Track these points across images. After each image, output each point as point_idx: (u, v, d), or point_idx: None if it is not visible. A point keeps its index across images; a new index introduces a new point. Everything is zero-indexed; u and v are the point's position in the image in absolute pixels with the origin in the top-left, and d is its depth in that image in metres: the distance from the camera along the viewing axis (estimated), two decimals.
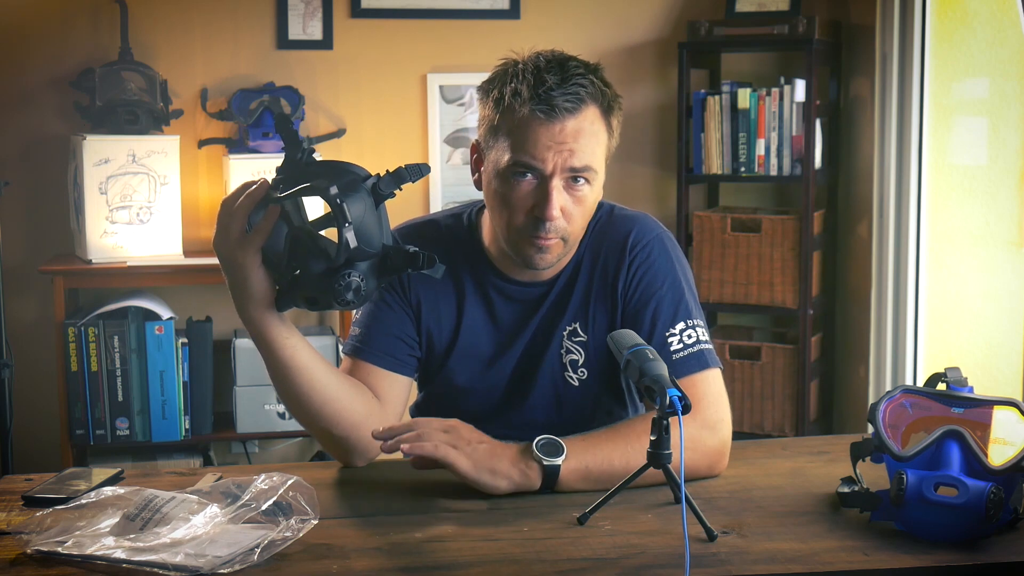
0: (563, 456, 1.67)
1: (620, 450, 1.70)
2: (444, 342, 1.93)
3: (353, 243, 1.55)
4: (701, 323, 1.88)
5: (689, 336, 1.85)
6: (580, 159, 1.80)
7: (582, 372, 1.91)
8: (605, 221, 1.95)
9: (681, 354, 1.83)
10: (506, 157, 1.79)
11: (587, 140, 1.81)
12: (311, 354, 1.74)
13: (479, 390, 1.92)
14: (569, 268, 1.92)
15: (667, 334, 1.85)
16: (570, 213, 1.82)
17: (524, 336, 1.92)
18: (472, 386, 1.92)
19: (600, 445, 1.70)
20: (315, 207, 1.89)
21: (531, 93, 1.79)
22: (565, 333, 1.91)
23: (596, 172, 1.84)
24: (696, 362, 1.83)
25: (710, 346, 1.86)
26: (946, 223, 3.70)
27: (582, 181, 1.82)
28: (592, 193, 1.85)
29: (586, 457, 1.69)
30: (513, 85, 1.80)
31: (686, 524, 1.39)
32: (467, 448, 1.66)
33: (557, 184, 1.79)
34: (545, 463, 1.66)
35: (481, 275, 1.92)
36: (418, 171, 1.62)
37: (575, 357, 1.91)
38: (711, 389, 1.82)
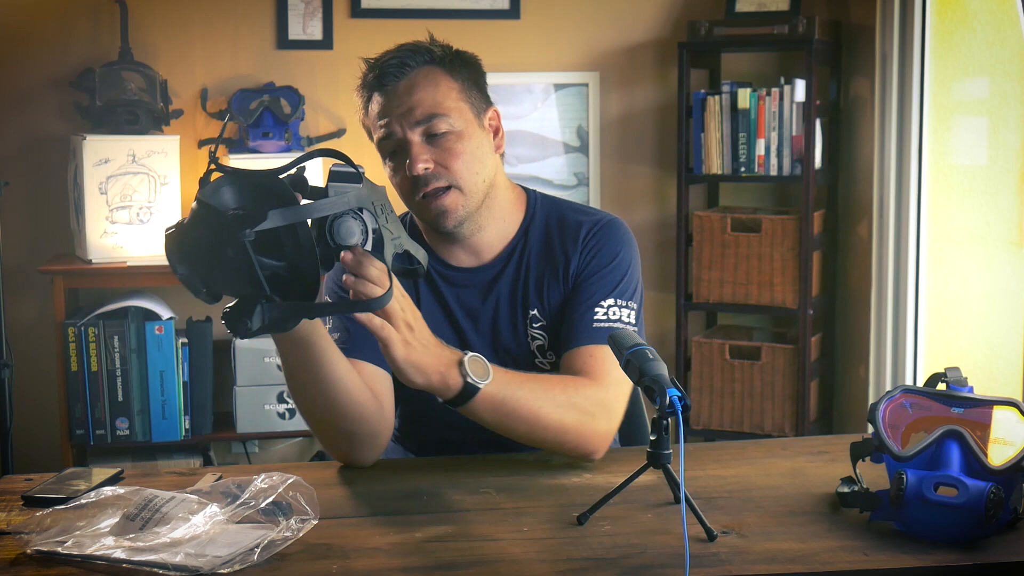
0: (487, 381, 1.69)
1: (536, 396, 1.74)
2: None
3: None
4: (635, 307, 1.92)
5: (614, 313, 1.89)
6: (422, 111, 1.86)
7: (550, 355, 1.94)
8: (553, 212, 1.99)
9: (600, 324, 1.87)
10: (374, 142, 1.92)
11: (424, 92, 1.87)
12: (329, 342, 1.74)
13: None
14: (513, 254, 1.96)
15: (597, 304, 1.89)
16: (445, 161, 1.88)
17: (483, 325, 1.95)
18: None
19: (523, 385, 1.74)
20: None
21: (365, 80, 1.92)
22: (527, 320, 1.94)
23: (448, 117, 1.87)
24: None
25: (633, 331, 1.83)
26: (946, 223, 3.70)
27: (441, 131, 1.87)
28: (461, 142, 1.88)
29: (505, 391, 1.72)
30: (358, 85, 1.94)
31: (686, 524, 1.39)
32: (408, 336, 1.65)
33: (414, 139, 1.87)
34: (468, 380, 1.68)
35: (430, 267, 1.95)
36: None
37: (540, 343, 1.94)
38: (612, 365, 1.79)
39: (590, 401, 1.78)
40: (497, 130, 1.97)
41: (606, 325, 1.86)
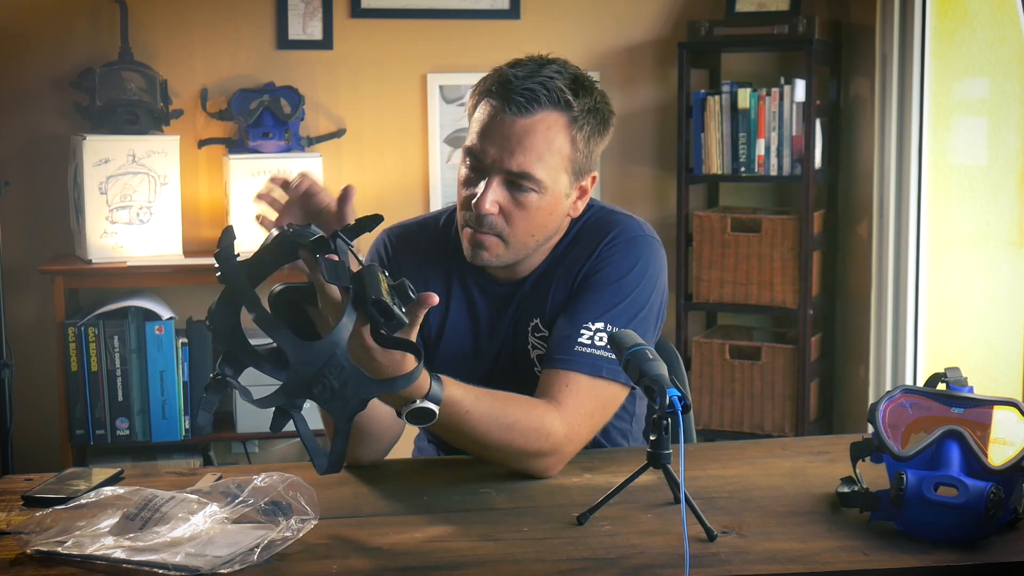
0: (428, 424, 1.62)
1: (483, 437, 1.68)
2: (430, 335, 1.93)
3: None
4: None
5: (600, 339, 1.79)
6: (519, 163, 1.76)
7: None
8: (592, 223, 1.92)
9: (583, 349, 1.78)
10: (466, 143, 1.82)
11: (534, 145, 1.76)
12: None
13: None
14: (543, 266, 1.91)
15: (584, 324, 1.80)
16: (510, 213, 1.79)
17: (499, 333, 1.92)
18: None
19: (474, 424, 1.66)
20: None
21: (493, 83, 1.79)
22: (530, 328, 1.90)
23: (540, 182, 1.78)
24: (589, 364, 1.78)
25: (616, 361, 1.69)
26: (946, 223, 3.70)
27: (526, 189, 1.78)
28: (541, 202, 1.80)
29: (451, 423, 1.65)
30: (490, 75, 1.82)
31: (686, 524, 1.39)
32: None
33: (495, 179, 1.78)
34: (402, 417, 1.60)
35: (466, 271, 1.93)
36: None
37: (540, 352, 1.89)
38: (584, 398, 1.77)
39: (547, 442, 1.72)
40: (584, 193, 1.86)
41: (588, 351, 1.78)
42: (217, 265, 1.46)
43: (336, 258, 1.46)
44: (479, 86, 1.83)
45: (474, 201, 1.79)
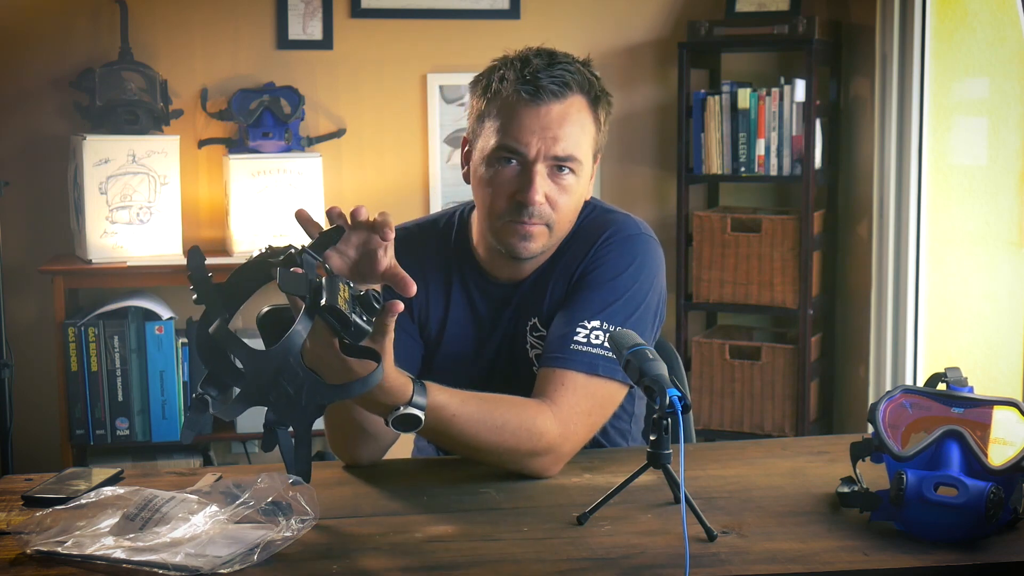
0: (414, 430, 1.64)
1: (473, 439, 1.69)
2: (431, 336, 1.93)
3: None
4: None
5: (596, 337, 1.80)
6: (564, 147, 1.80)
7: None
8: (589, 221, 1.92)
9: (578, 347, 1.79)
10: (492, 142, 1.82)
11: (572, 128, 1.81)
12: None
13: (459, 387, 1.91)
14: (543, 266, 1.92)
15: (580, 322, 1.81)
16: (555, 201, 1.82)
17: (498, 333, 1.93)
18: (453, 383, 1.91)
19: (460, 429, 1.68)
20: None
21: (517, 76, 1.81)
22: (528, 328, 1.91)
23: (581, 163, 1.83)
24: (585, 362, 1.78)
25: (613, 358, 1.70)
26: (946, 223, 3.70)
27: (567, 171, 1.82)
28: (578, 184, 1.84)
29: (438, 429, 1.67)
30: (501, 72, 1.84)
31: (686, 524, 1.39)
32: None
33: (540, 169, 1.80)
34: (389, 424, 1.62)
35: (466, 273, 1.93)
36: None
37: (539, 352, 1.89)
38: (580, 396, 1.76)
39: (540, 442, 1.71)
40: (592, 176, 1.90)
41: (584, 349, 1.78)
42: (192, 287, 1.48)
43: (300, 271, 1.46)
44: (491, 80, 1.84)
45: (526, 195, 1.80)
